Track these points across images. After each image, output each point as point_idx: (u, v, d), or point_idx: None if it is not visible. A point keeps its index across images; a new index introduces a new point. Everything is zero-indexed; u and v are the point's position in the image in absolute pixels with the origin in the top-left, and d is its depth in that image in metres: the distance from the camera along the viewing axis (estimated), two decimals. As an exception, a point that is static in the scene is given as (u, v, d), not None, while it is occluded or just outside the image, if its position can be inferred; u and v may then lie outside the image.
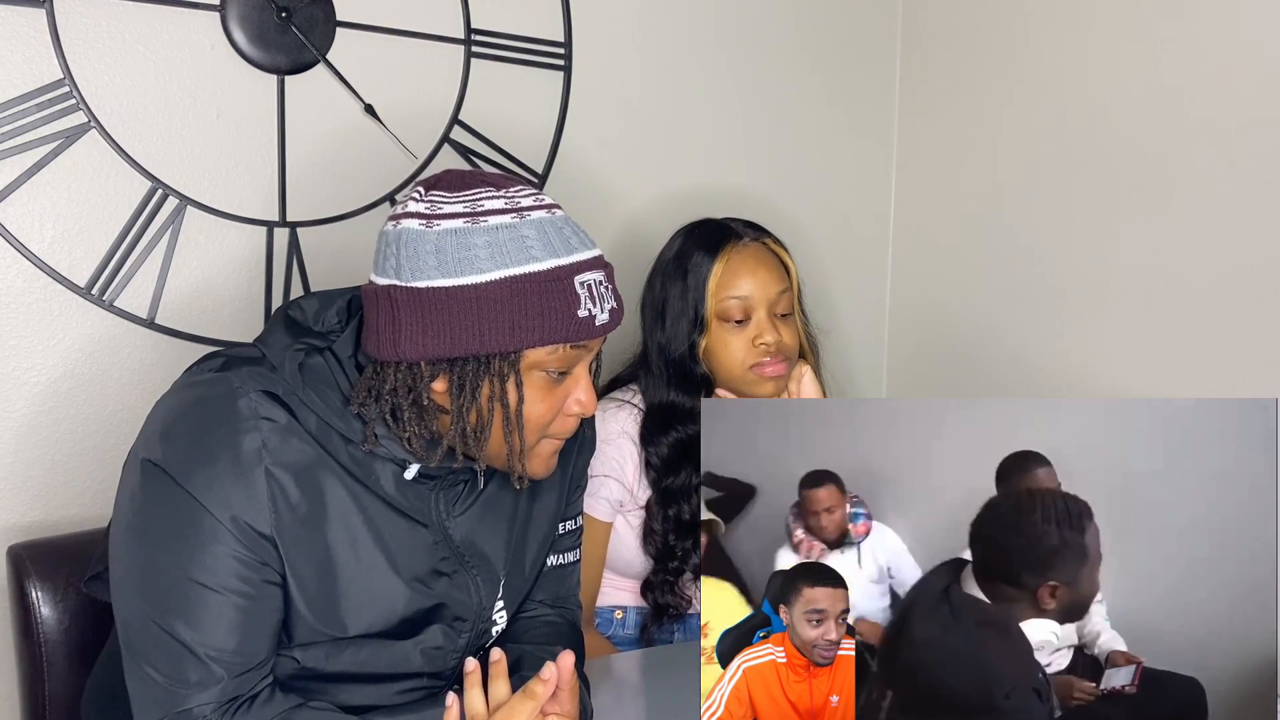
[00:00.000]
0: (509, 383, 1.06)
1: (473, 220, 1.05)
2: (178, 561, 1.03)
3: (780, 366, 1.55)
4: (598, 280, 1.09)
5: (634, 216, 1.97)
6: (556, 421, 1.12)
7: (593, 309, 1.07)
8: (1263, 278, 1.63)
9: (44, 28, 1.49)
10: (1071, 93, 1.88)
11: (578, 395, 1.11)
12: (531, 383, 1.08)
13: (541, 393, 1.09)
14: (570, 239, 1.08)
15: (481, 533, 1.19)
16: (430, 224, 1.05)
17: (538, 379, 1.08)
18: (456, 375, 1.06)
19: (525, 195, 1.09)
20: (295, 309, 1.15)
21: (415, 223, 1.06)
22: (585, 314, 1.06)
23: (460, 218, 1.05)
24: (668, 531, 1.57)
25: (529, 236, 1.05)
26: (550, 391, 1.09)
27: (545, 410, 1.10)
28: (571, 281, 1.06)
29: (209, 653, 1.03)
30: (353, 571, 1.10)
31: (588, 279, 1.07)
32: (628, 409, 1.60)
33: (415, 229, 1.05)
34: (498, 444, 1.09)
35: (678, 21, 1.98)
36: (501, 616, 1.23)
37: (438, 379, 1.07)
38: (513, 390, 1.07)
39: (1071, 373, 1.91)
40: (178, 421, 1.06)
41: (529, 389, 1.08)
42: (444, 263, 1.03)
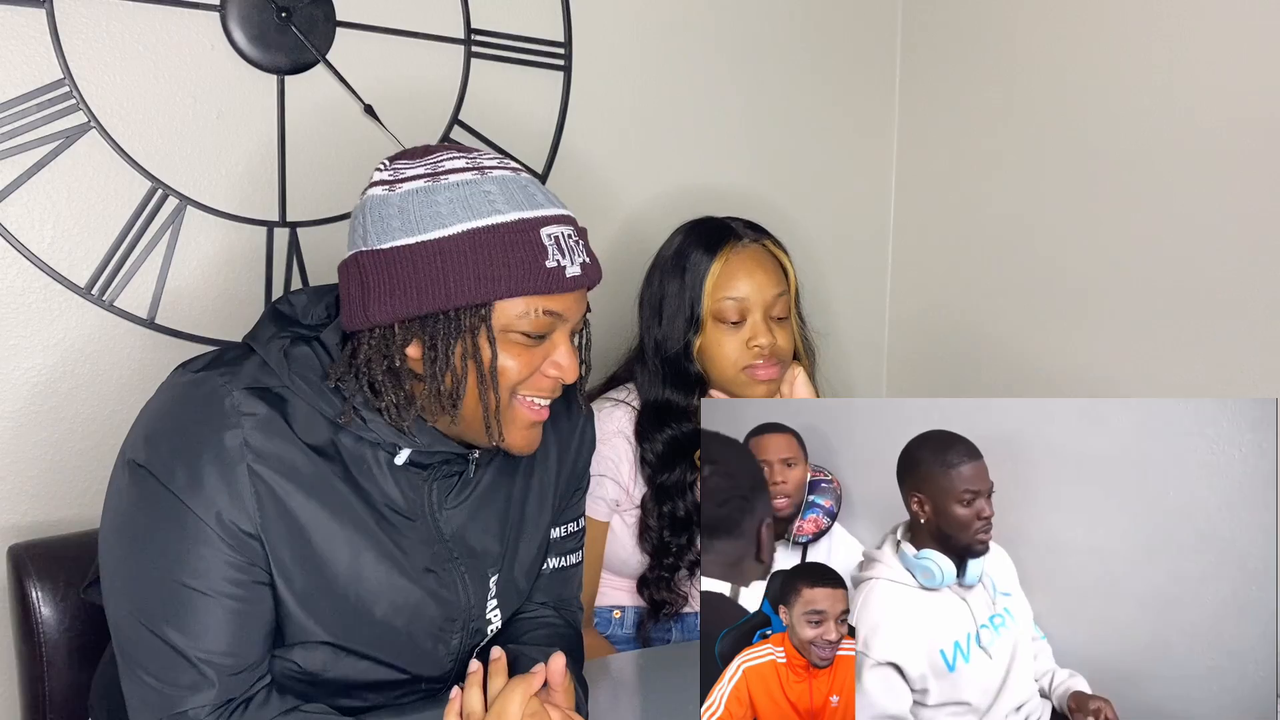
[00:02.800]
0: (481, 338, 1.05)
1: (434, 179, 1.06)
2: (165, 564, 1.03)
3: (773, 370, 1.55)
4: (566, 234, 1.08)
5: (634, 216, 1.97)
6: (532, 378, 1.10)
7: (561, 260, 1.06)
8: (1263, 278, 1.62)
9: (44, 28, 1.49)
10: (1071, 93, 1.88)
11: (555, 358, 1.10)
12: (505, 342, 1.07)
13: (516, 350, 1.07)
14: (535, 195, 1.08)
15: (473, 528, 1.19)
16: (393, 188, 1.07)
17: (513, 339, 1.07)
18: (429, 336, 1.05)
19: (488, 158, 1.10)
20: (284, 303, 1.16)
21: (379, 189, 1.07)
22: (554, 265, 1.05)
23: (422, 179, 1.06)
24: (663, 528, 1.57)
25: (491, 191, 1.05)
26: (527, 351, 1.08)
27: (520, 367, 1.08)
28: (538, 233, 1.05)
29: (200, 655, 1.03)
30: (343, 569, 1.10)
31: (555, 231, 1.07)
32: (623, 408, 1.60)
33: (379, 194, 1.07)
34: (473, 407, 1.08)
35: (678, 21, 1.98)
36: (496, 616, 1.23)
37: (411, 344, 1.06)
38: (485, 346, 1.06)
39: (1071, 373, 1.91)
40: (161, 422, 1.07)
41: (502, 347, 1.07)
42: (408, 221, 1.04)
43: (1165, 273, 1.75)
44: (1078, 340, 1.90)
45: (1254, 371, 1.64)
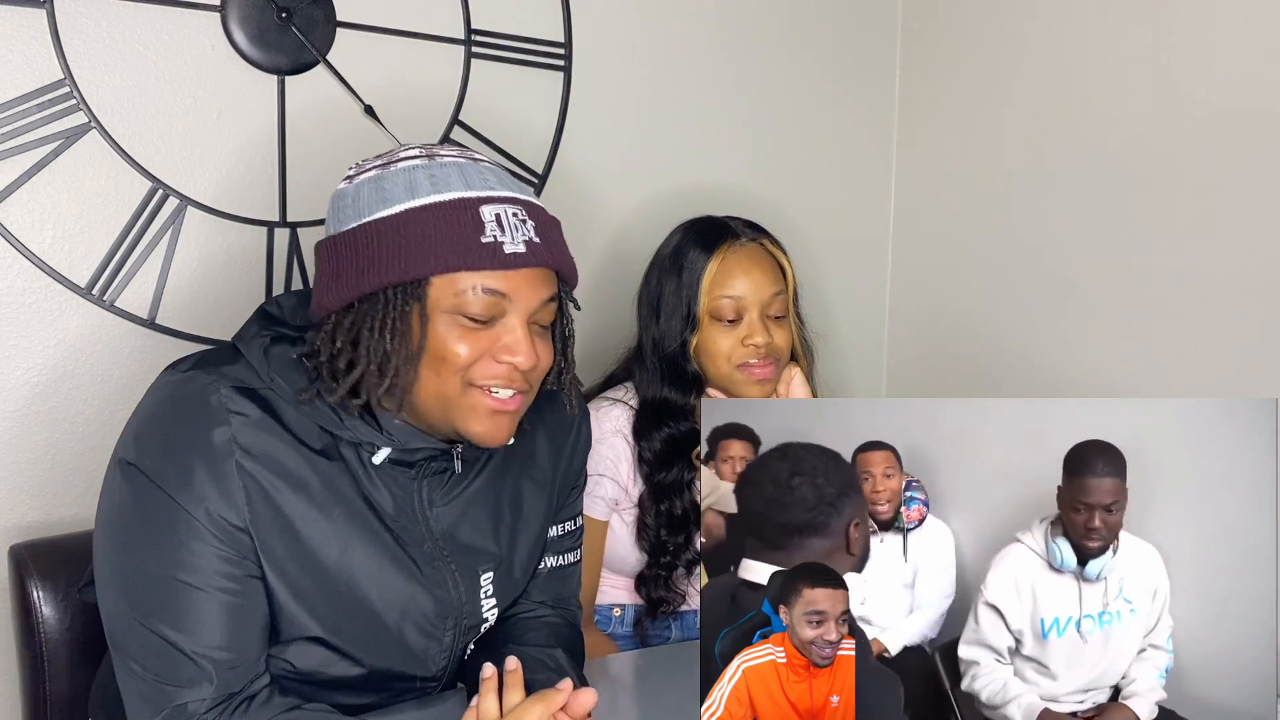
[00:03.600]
0: (412, 316, 1.04)
1: (385, 168, 1.08)
2: (159, 560, 1.04)
3: (769, 369, 1.55)
4: (511, 212, 1.06)
5: (633, 216, 1.97)
6: (480, 365, 1.07)
7: (500, 236, 1.04)
8: (1263, 278, 1.63)
9: (44, 28, 1.50)
10: (1071, 93, 1.88)
11: (505, 341, 1.07)
12: (452, 324, 1.05)
13: (461, 333, 1.06)
14: (489, 179, 1.08)
15: (463, 527, 1.19)
16: (352, 180, 1.10)
17: (458, 323, 1.06)
18: (368, 317, 1.05)
19: (448, 149, 1.11)
20: (273, 305, 1.16)
21: (342, 183, 1.11)
22: (490, 240, 1.04)
23: (377, 169, 1.09)
24: (660, 526, 1.58)
25: (436, 175, 1.06)
26: (473, 334, 1.06)
27: (468, 352, 1.06)
28: (477, 210, 1.04)
29: (196, 650, 1.04)
30: (333, 564, 1.10)
31: (498, 210, 1.05)
32: (620, 407, 1.60)
33: (340, 188, 1.10)
34: (426, 394, 1.07)
35: (678, 21, 1.98)
36: (493, 614, 1.23)
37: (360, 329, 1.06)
38: (416, 325, 1.04)
39: (1072, 373, 1.91)
40: (150, 421, 1.07)
41: (448, 329, 1.05)
42: (360, 208, 1.06)
43: (1165, 272, 1.75)
44: (1077, 340, 1.90)
45: (1254, 371, 1.64)
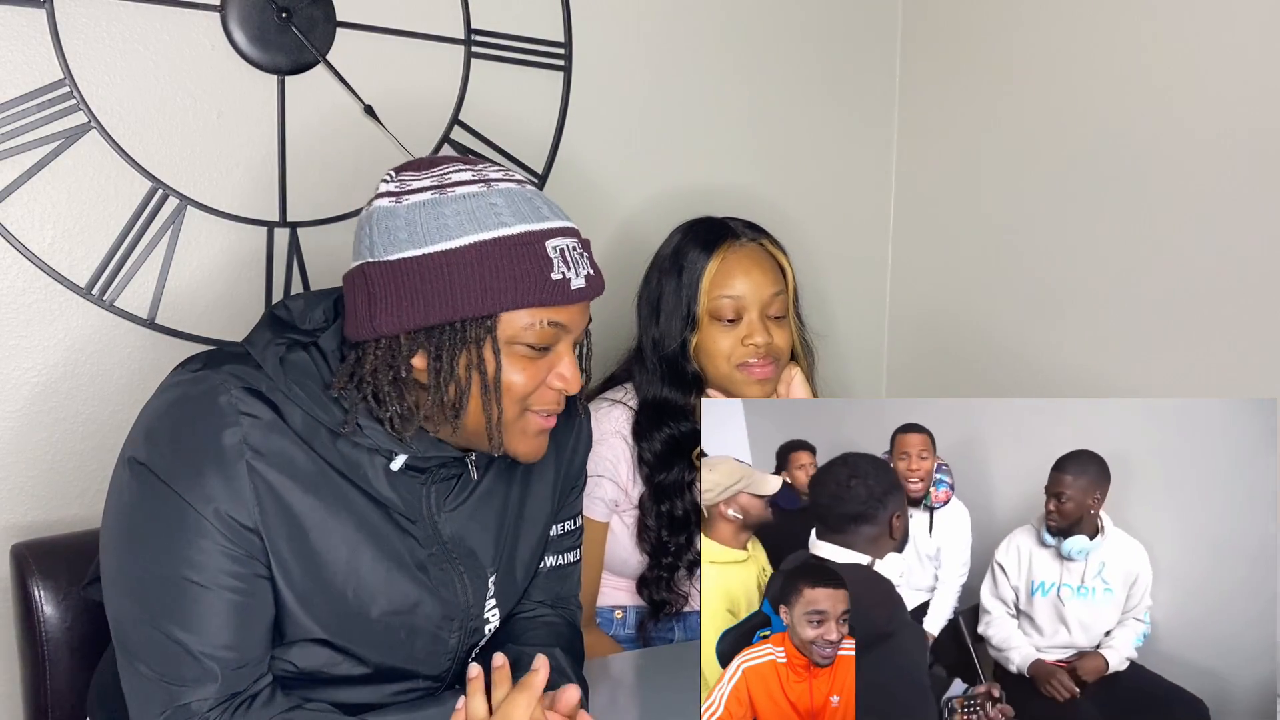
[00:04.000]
0: (485, 349, 1.06)
1: (441, 191, 1.06)
2: (167, 559, 1.04)
3: (768, 369, 1.55)
4: (571, 246, 1.09)
5: (633, 216, 1.97)
6: (538, 393, 1.11)
7: (567, 273, 1.07)
8: (1262, 278, 1.63)
9: (44, 28, 1.50)
10: (1071, 94, 1.88)
11: (560, 370, 1.11)
12: (511, 354, 1.08)
13: (521, 363, 1.08)
14: (541, 208, 1.09)
15: (471, 529, 1.19)
16: (400, 199, 1.07)
17: (518, 352, 1.08)
18: (434, 346, 1.06)
19: (494, 170, 1.10)
20: (282, 308, 1.16)
21: (386, 200, 1.08)
22: (559, 277, 1.06)
23: (429, 190, 1.07)
24: (660, 527, 1.58)
25: (497, 204, 1.06)
26: (531, 363, 1.09)
27: (526, 381, 1.09)
28: (543, 245, 1.06)
29: (202, 650, 1.04)
30: (341, 567, 1.10)
31: (560, 244, 1.07)
32: (619, 408, 1.60)
33: (386, 206, 1.07)
34: (475, 417, 1.09)
35: (678, 21, 1.98)
36: (494, 615, 1.23)
37: (416, 354, 1.07)
38: (490, 357, 1.07)
39: (1072, 373, 1.91)
40: (160, 420, 1.07)
41: (508, 359, 1.07)
42: (415, 234, 1.05)
43: (1165, 273, 1.75)
44: (1077, 340, 1.90)
45: (1254, 371, 1.65)
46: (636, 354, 1.63)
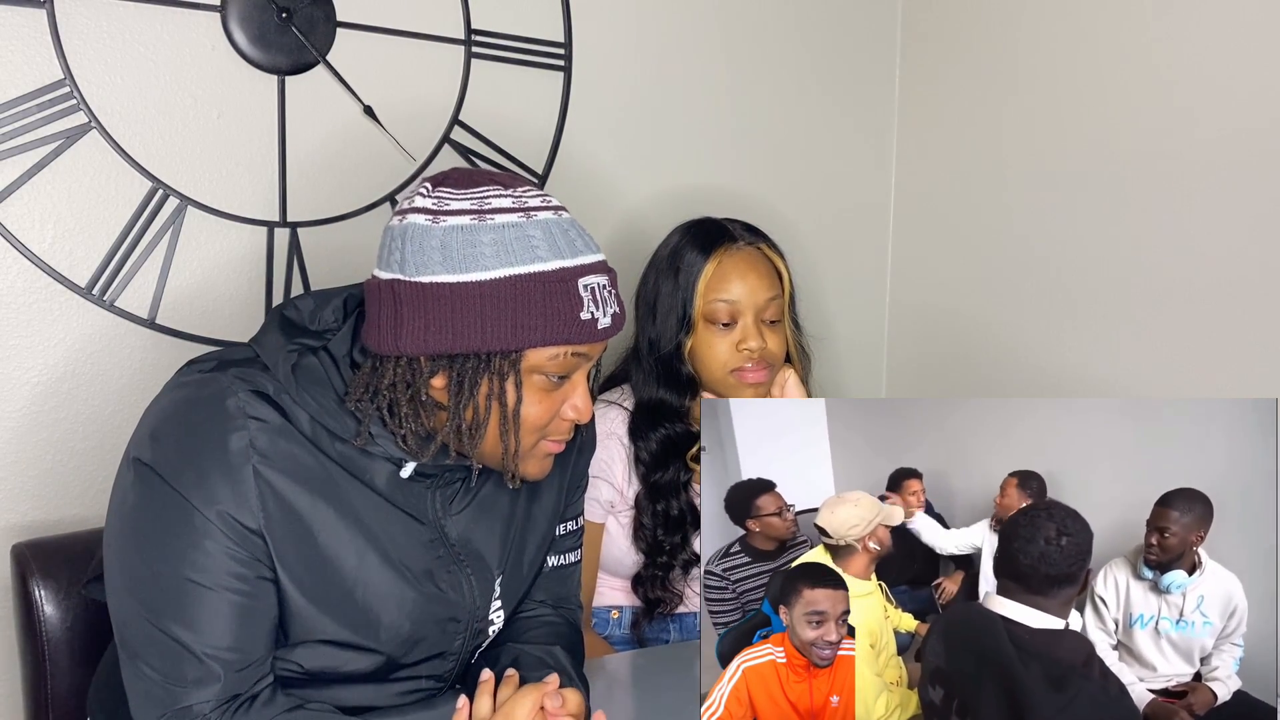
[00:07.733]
0: (508, 382, 1.07)
1: (479, 218, 1.05)
2: (171, 560, 1.04)
3: (762, 373, 1.54)
4: (601, 284, 1.09)
5: (633, 216, 1.97)
6: (552, 425, 1.12)
7: (595, 313, 1.07)
8: (1263, 277, 1.63)
9: (44, 28, 1.50)
10: (1071, 93, 1.88)
11: (574, 401, 1.12)
12: (530, 385, 1.08)
13: (539, 395, 1.09)
14: (575, 241, 1.08)
15: (477, 531, 1.20)
16: (437, 219, 1.05)
17: (537, 382, 1.08)
18: (456, 372, 1.06)
19: (532, 195, 1.09)
20: (291, 309, 1.15)
21: (421, 218, 1.06)
22: (588, 317, 1.06)
23: (467, 214, 1.05)
24: (656, 527, 1.58)
25: (535, 236, 1.05)
26: (548, 395, 1.10)
27: (542, 413, 1.10)
28: (575, 284, 1.06)
29: (206, 650, 1.04)
30: (349, 569, 1.10)
31: (591, 282, 1.08)
32: (615, 409, 1.61)
33: (421, 224, 1.05)
34: (492, 443, 1.10)
35: (677, 21, 1.98)
36: (499, 616, 1.23)
37: (437, 375, 1.07)
38: (511, 390, 1.07)
39: (1073, 374, 1.91)
40: (167, 421, 1.07)
41: (527, 390, 1.08)
42: (449, 258, 1.04)
43: (1165, 272, 1.75)
44: (1077, 340, 1.90)
45: (1254, 371, 1.65)
46: (634, 354, 1.63)
